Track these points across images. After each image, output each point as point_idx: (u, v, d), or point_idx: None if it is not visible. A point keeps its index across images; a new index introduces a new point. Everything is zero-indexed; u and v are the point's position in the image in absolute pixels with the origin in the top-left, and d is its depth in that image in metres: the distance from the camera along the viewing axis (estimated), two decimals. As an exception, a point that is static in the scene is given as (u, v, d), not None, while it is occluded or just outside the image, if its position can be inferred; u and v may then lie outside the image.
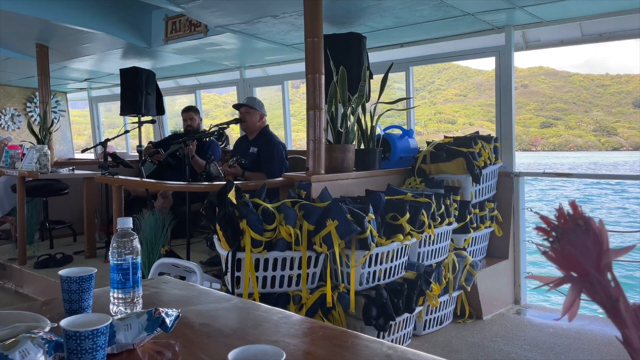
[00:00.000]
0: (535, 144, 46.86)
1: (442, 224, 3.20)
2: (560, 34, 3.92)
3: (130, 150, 7.75)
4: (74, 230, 5.14)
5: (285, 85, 5.72)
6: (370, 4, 3.48)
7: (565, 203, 0.50)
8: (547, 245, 0.49)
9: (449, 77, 48.99)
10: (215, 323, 1.11)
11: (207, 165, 3.56)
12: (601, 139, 47.60)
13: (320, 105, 3.14)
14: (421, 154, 3.74)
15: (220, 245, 2.59)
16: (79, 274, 1.12)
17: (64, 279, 1.11)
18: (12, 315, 1.07)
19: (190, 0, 3.63)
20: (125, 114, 5.43)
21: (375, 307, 2.68)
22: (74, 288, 1.10)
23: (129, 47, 5.10)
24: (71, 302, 1.11)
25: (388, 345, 0.96)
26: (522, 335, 3.23)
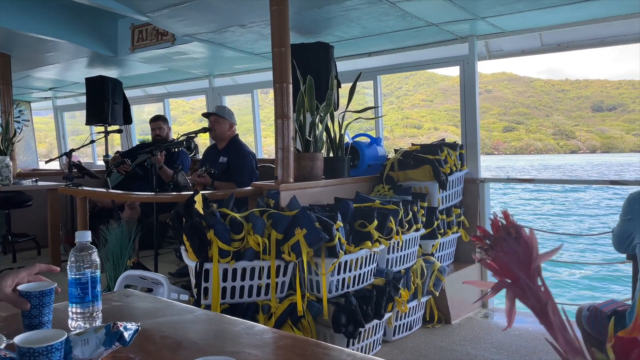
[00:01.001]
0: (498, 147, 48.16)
1: (410, 230, 3.25)
2: (521, 44, 4.05)
3: (96, 160, 7.61)
4: (38, 243, 5.01)
5: (255, 94, 5.73)
6: (337, 14, 3.52)
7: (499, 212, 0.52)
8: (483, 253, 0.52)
9: (416, 83, 49.89)
10: (176, 335, 1.10)
11: (174, 175, 3.53)
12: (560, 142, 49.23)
13: (289, 114, 3.16)
14: (389, 162, 3.79)
15: (188, 256, 2.57)
16: (38, 288, 1.08)
17: (23, 293, 1.08)
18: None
19: (156, 9, 3.61)
20: (91, 123, 5.35)
21: (345, 315, 2.70)
22: (34, 303, 1.07)
23: (94, 55, 5.03)
24: (31, 317, 1.08)
25: (347, 353, 0.97)
26: (489, 338, 3.29)
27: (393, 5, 3.29)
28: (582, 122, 50.62)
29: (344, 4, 3.30)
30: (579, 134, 49.15)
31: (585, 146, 48.00)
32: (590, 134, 49.19)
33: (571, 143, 48.82)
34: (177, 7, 3.51)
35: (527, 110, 51.25)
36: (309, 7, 3.42)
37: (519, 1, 3.21)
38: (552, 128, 49.97)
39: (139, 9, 3.68)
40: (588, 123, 50.43)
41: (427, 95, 51.12)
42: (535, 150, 47.61)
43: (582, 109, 51.43)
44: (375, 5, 3.29)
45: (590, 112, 51.02)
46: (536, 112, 51.39)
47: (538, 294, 0.49)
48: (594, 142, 48.20)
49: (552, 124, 50.07)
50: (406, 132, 45.88)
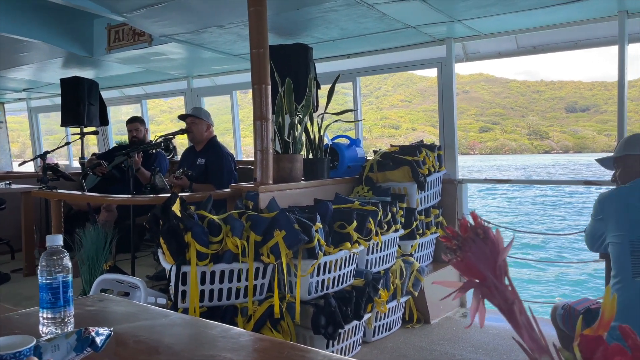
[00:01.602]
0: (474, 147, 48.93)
1: (389, 231, 3.27)
2: (497, 46, 4.11)
3: (72, 162, 7.47)
4: (11, 247, 4.90)
5: (234, 95, 5.69)
6: (316, 15, 3.53)
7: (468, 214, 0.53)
8: (452, 253, 0.52)
9: (395, 84, 50.38)
10: (151, 340, 1.09)
11: (152, 177, 3.48)
12: (534, 142, 50.25)
13: (267, 116, 3.15)
14: (368, 163, 3.81)
15: (165, 259, 2.54)
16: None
17: None
18: None
19: (132, 10, 3.57)
20: (66, 125, 5.25)
21: (324, 316, 2.70)
22: None
23: (70, 56, 4.94)
24: None
25: (323, 354, 0.97)
26: (467, 337, 3.33)
27: (371, 8, 3.30)
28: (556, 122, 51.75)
29: (322, 5, 3.31)
30: (553, 135, 50.24)
31: (559, 146, 49.11)
32: (564, 134, 50.34)
33: (545, 143, 49.88)
34: (154, 8, 3.47)
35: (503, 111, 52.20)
36: (287, 9, 3.41)
37: (495, 4, 3.26)
38: (526, 128, 51.00)
39: (115, 9, 3.63)
40: (562, 124, 51.58)
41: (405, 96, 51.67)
42: (510, 151, 48.51)
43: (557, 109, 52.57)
44: (354, 7, 3.31)
45: (564, 113, 52.18)
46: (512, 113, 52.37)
47: (505, 293, 0.50)
48: (566, 143, 49.33)
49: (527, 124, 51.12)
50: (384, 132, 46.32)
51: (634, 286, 1.91)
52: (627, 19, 3.38)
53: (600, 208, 2.10)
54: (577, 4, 3.24)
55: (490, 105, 52.49)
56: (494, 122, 50.84)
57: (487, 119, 50.40)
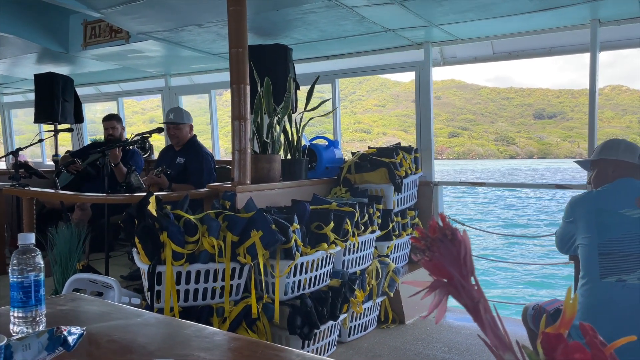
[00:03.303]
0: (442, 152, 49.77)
1: (365, 232, 3.29)
2: (473, 51, 4.18)
3: (45, 160, 7.32)
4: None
5: (212, 94, 5.66)
6: (295, 17, 3.54)
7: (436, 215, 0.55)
8: (421, 254, 0.54)
9: (369, 88, 50.84)
10: (124, 340, 1.08)
11: (127, 176, 3.44)
12: (500, 148, 51.32)
13: (246, 116, 3.14)
14: (346, 164, 3.83)
15: (140, 259, 2.52)
16: None
17: None
18: None
19: (109, 6, 3.52)
20: (40, 121, 5.15)
21: (300, 316, 2.70)
22: None
23: (44, 51, 4.84)
24: None
25: (297, 354, 0.98)
26: (440, 337, 3.37)
27: (350, 10, 3.33)
28: (524, 128, 52.86)
29: (301, 7, 3.32)
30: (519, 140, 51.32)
31: (524, 152, 50.22)
32: (530, 140, 51.47)
33: (510, 149, 50.95)
34: (132, 5, 3.43)
35: (474, 117, 53.12)
36: (266, 9, 3.41)
37: (472, 10, 3.32)
38: (494, 134, 52.03)
39: (92, 5, 3.58)
40: (529, 130, 52.72)
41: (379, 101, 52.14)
42: (477, 156, 49.41)
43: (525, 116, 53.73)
44: (333, 9, 3.33)
45: (532, 120, 53.36)
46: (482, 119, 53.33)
47: (471, 292, 0.51)
48: (531, 149, 50.46)
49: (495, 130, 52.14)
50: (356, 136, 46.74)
51: (601, 287, 1.97)
52: (599, 27, 3.48)
53: (571, 211, 2.16)
54: (552, 12, 3.31)
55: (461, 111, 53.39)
56: (464, 128, 51.74)
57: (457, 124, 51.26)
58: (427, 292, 0.54)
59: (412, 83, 4.31)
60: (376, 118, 50.60)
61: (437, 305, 0.51)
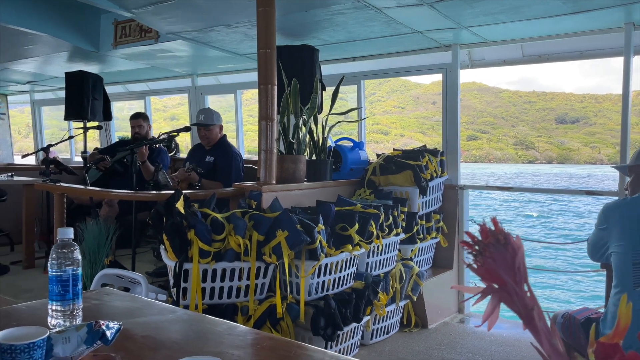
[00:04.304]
0: None
1: (390, 234, 3.27)
2: (503, 54, 4.12)
3: (74, 157, 7.48)
4: (11, 239, 4.90)
5: (238, 94, 5.70)
6: (323, 18, 3.54)
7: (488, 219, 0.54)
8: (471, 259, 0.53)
9: (389, 90, 50.59)
10: (158, 335, 1.09)
11: (155, 173, 3.49)
12: (519, 152, 50.49)
13: (273, 116, 3.16)
14: (371, 166, 3.82)
15: (167, 256, 2.55)
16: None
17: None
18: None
19: (140, 6, 3.57)
20: (70, 118, 5.25)
21: (324, 317, 2.70)
22: None
23: (75, 50, 4.94)
24: None
25: (330, 355, 0.98)
26: (464, 343, 3.33)
27: (379, 12, 3.31)
28: (545, 133, 51.94)
29: (330, 8, 3.32)
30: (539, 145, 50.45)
31: (543, 157, 49.35)
32: (550, 145, 50.58)
33: (529, 153, 50.10)
34: (162, 5, 3.48)
35: (494, 120, 52.41)
36: (295, 10, 3.42)
37: (503, 12, 3.27)
38: (513, 138, 51.26)
39: (123, 4, 3.64)
40: (550, 134, 51.79)
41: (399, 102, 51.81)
42: (495, 159, 48.72)
43: (547, 120, 52.81)
44: (362, 10, 3.32)
45: (554, 124, 52.45)
46: (502, 122, 52.58)
47: (525, 299, 0.50)
48: (551, 153, 49.56)
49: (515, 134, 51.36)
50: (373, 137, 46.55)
51: (635, 296, 1.92)
52: (634, 30, 3.40)
53: (604, 218, 2.11)
54: (584, 15, 3.25)
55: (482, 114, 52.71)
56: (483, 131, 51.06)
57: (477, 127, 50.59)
58: (479, 298, 0.53)
59: (433, 85, 4.34)
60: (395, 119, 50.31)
61: (492, 312, 0.50)
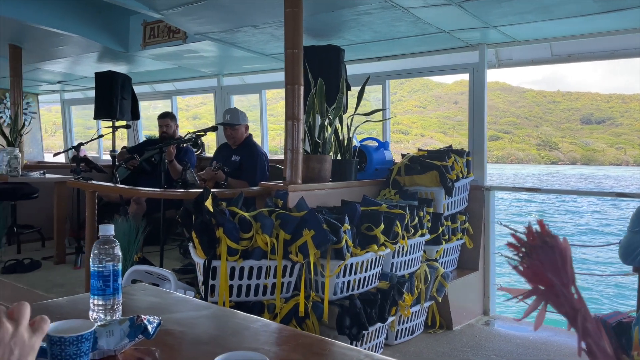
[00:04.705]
0: None
1: (415, 235, 3.27)
2: (531, 53, 4.07)
3: (102, 155, 7.63)
4: (42, 235, 5.03)
5: (263, 94, 5.74)
6: (349, 18, 3.55)
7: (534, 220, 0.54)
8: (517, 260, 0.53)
9: (410, 89, 50.13)
10: (194, 330, 1.12)
11: (183, 172, 3.54)
12: (542, 152, 49.44)
13: (299, 116, 3.18)
14: (396, 166, 3.81)
15: (196, 253, 2.59)
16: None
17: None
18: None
19: (170, 7, 3.63)
20: (99, 118, 5.37)
21: (349, 317, 2.71)
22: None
23: (105, 50, 5.05)
24: None
25: (365, 353, 0.99)
26: (490, 346, 3.31)
27: (406, 11, 3.31)
28: (569, 133, 50.79)
29: (357, 8, 3.32)
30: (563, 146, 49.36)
31: (567, 158, 48.24)
32: (574, 145, 49.47)
33: (552, 154, 49.00)
34: (191, 6, 3.53)
35: (517, 120, 51.43)
36: (322, 10, 3.44)
37: (532, 12, 3.23)
38: (536, 139, 50.23)
39: (153, 6, 3.71)
40: (575, 135, 50.64)
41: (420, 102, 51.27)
42: (516, 160, 47.76)
43: (572, 120, 51.62)
44: (389, 10, 3.31)
45: (579, 125, 51.26)
46: (526, 122, 51.57)
47: (572, 301, 0.51)
48: (575, 154, 48.44)
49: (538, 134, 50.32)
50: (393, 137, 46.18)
51: (669, 302, 1.89)
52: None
53: (637, 220, 2.08)
54: (616, 14, 3.19)
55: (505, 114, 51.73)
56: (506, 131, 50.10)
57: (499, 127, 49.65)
58: (523, 298, 0.53)
59: (455, 85, 4.30)
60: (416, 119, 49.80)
61: (533, 310, 0.50)
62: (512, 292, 0.52)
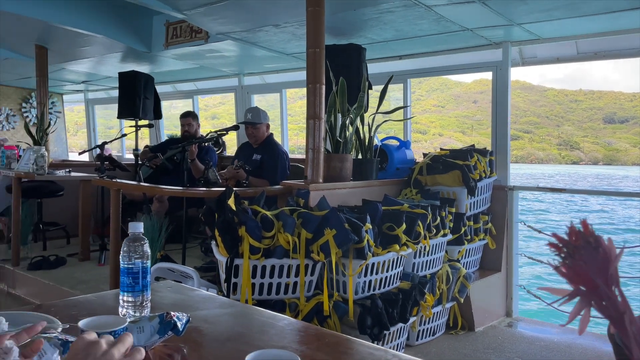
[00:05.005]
0: None
1: (437, 235, 3.24)
2: (556, 51, 4.00)
3: (125, 154, 7.74)
4: (67, 232, 5.12)
5: (284, 93, 5.76)
6: (371, 16, 3.53)
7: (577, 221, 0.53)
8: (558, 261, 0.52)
9: (429, 88, 49.63)
10: (221, 328, 1.13)
11: (205, 171, 3.57)
12: (562, 152, 48.50)
13: (320, 115, 3.18)
14: (418, 166, 3.79)
15: (219, 251, 2.61)
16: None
17: None
18: (23, 316, 1.08)
19: (192, 7, 3.67)
20: (122, 117, 5.44)
21: (370, 317, 2.70)
22: None
23: (128, 50, 5.12)
24: None
25: (392, 353, 0.98)
26: (513, 348, 3.26)
27: (429, 9, 3.28)
28: (591, 133, 49.69)
29: (379, 6, 3.31)
30: (584, 145, 48.31)
31: (588, 157, 47.19)
32: (596, 145, 48.38)
33: (574, 154, 47.98)
34: (214, 6, 3.56)
35: (538, 120, 50.50)
36: (344, 9, 3.43)
37: (558, 8, 3.18)
38: (557, 138, 49.26)
39: (176, 6, 3.75)
40: (597, 134, 49.54)
41: (439, 101, 50.72)
42: (536, 160, 46.87)
43: (594, 120, 50.48)
44: (411, 8, 3.29)
45: (601, 124, 50.11)
46: (547, 122, 50.60)
47: (616, 303, 0.50)
48: (597, 154, 47.36)
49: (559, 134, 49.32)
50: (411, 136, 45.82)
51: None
52: (699, 26, 3.23)
53: None
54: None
55: (525, 113, 50.83)
56: (526, 131, 49.21)
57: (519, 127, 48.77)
58: (567, 300, 0.52)
59: (475, 83, 4.26)
60: (434, 119, 49.28)
61: (578, 314, 0.49)
62: (555, 292, 0.51)
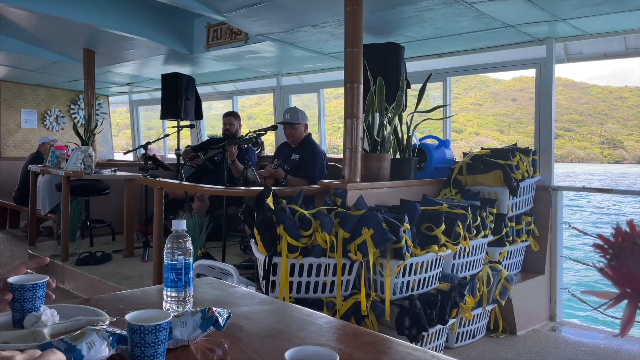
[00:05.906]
0: None
1: (477, 236, 3.18)
2: (603, 47, 3.86)
3: (167, 154, 7.95)
4: (112, 230, 5.30)
5: (321, 93, 5.78)
6: (411, 14, 3.50)
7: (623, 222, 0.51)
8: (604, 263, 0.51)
9: (466, 86, 48.49)
10: (261, 324, 1.15)
11: (244, 170, 3.63)
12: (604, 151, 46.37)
13: (358, 115, 3.18)
14: (457, 165, 3.73)
15: (257, 249, 2.64)
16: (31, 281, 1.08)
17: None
18: (72, 309, 1.13)
19: (232, 10, 3.73)
20: (165, 118, 5.59)
21: (409, 317, 2.68)
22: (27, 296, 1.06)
23: (171, 53, 5.26)
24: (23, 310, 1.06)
25: (431, 354, 0.98)
26: (557, 352, 3.17)
27: (470, 6, 3.23)
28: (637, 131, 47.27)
29: (418, 4, 3.28)
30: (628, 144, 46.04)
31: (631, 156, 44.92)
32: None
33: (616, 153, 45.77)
34: (253, 8, 3.61)
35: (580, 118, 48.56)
36: (382, 8, 3.42)
37: (605, 3, 3.07)
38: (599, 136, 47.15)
39: (217, 8, 3.82)
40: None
41: (476, 99, 49.52)
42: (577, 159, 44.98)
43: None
44: (451, 5, 3.25)
45: None
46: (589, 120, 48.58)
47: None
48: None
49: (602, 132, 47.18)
50: None
51: None
52: None
53: None
54: (701, 2, 2.97)
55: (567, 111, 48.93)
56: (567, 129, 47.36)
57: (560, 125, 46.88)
58: (613, 303, 0.51)
59: (514, 81, 4.16)
60: (471, 117, 48.10)
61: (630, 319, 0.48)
62: (600, 296, 0.50)
